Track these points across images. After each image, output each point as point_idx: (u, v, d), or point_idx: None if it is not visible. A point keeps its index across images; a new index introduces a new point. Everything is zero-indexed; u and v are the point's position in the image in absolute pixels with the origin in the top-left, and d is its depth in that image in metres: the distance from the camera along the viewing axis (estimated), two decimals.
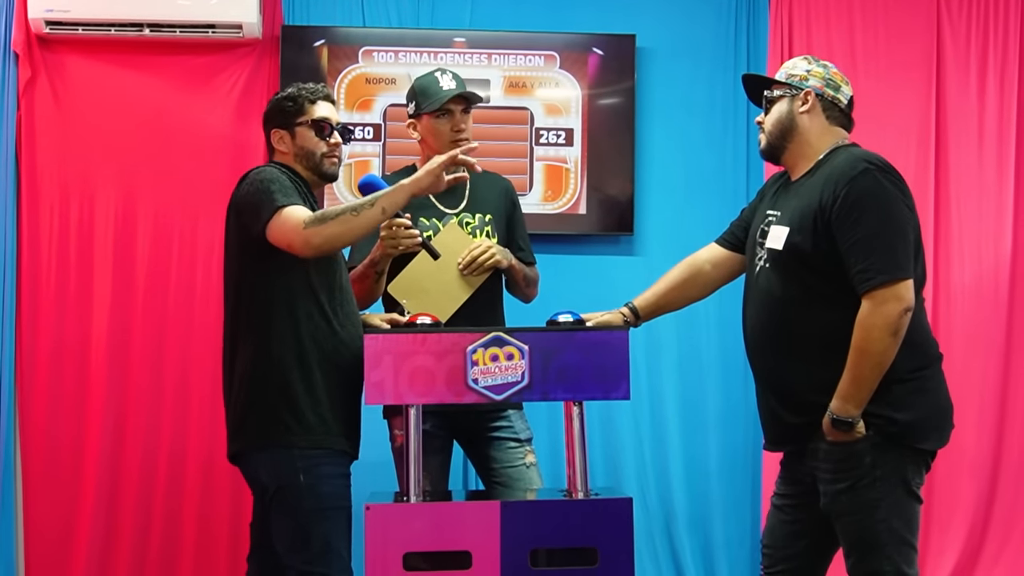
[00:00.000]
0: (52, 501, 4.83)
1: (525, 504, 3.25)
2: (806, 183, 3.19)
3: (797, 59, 3.38)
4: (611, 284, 4.94)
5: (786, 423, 3.19)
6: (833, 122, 3.27)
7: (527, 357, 3.10)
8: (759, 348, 3.25)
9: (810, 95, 3.24)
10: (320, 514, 3.14)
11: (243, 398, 3.19)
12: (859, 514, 3.05)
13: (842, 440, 3.04)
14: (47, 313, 4.87)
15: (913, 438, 3.07)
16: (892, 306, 2.97)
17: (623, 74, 5.07)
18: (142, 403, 4.87)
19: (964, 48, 5.22)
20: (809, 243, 3.08)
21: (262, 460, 3.18)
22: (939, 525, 5.09)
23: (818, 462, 3.11)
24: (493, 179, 3.95)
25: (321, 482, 3.14)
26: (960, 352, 5.11)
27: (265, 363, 3.17)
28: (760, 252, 3.25)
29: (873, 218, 3.00)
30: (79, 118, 4.92)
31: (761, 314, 3.22)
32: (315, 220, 3.04)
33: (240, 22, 4.79)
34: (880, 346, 2.97)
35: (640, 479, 5.05)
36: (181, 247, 4.90)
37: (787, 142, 3.27)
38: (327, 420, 3.18)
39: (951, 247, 5.18)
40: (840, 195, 3.03)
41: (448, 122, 3.74)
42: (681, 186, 5.16)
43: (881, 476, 3.03)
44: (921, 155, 5.16)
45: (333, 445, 3.19)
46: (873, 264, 2.98)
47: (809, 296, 3.10)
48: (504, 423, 3.74)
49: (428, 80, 3.78)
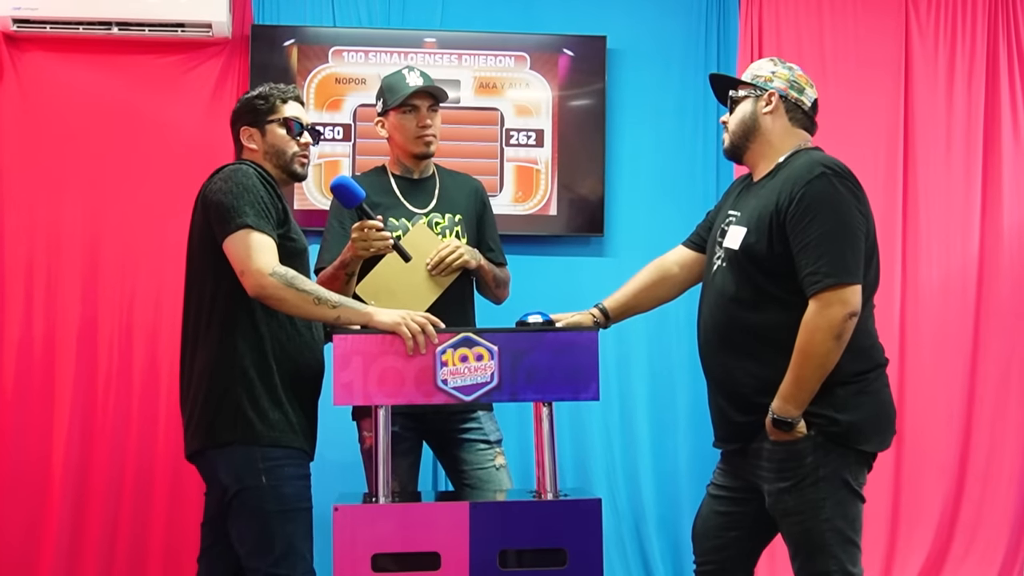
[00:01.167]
0: (15, 507, 4.82)
1: (494, 505, 3.26)
2: (766, 184, 3.24)
3: (763, 60, 3.43)
4: (581, 285, 4.96)
5: (734, 421, 3.25)
6: (796, 124, 3.32)
7: (496, 358, 3.11)
8: (711, 346, 3.30)
9: (774, 96, 3.29)
10: (283, 516, 3.14)
11: (202, 395, 3.19)
12: (804, 514, 3.10)
13: (784, 440, 3.09)
14: (13, 315, 4.85)
15: (855, 439, 3.11)
16: (837, 309, 3.01)
17: (594, 75, 5.10)
18: (109, 405, 4.87)
19: (932, 50, 5.28)
20: (764, 245, 3.12)
21: (221, 459, 3.17)
22: (907, 524, 5.15)
23: (761, 461, 3.17)
24: (463, 179, 3.97)
25: (284, 483, 3.15)
26: (928, 351, 5.19)
27: (227, 360, 3.17)
28: (718, 251, 3.30)
29: (825, 222, 3.04)
30: (47, 118, 4.91)
31: (714, 313, 3.27)
32: (280, 278, 3.05)
33: (210, 21, 4.80)
34: (822, 348, 3.02)
35: (609, 480, 5.08)
36: (150, 248, 4.89)
37: (750, 142, 3.32)
38: (289, 419, 3.19)
39: (919, 247, 5.24)
40: (795, 198, 3.07)
41: (414, 117, 3.77)
42: (651, 187, 5.19)
43: (824, 476, 3.08)
44: (890, 156, 5.23)
45: (293, 444, 3.19)
46: (821, 267, 3.02)
47: (761, 297, 3.15)
48: (474, 424, 3.76)
49: (395, 77, 3.81)
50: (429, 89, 3.77)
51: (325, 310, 3.10)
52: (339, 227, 3.73)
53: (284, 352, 3.21)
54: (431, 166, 3.90)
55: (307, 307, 3.09)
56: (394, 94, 3.78)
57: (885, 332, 5.07)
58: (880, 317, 5.06)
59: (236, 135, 3.41)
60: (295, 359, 3.24)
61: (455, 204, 3.84)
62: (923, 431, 5.17)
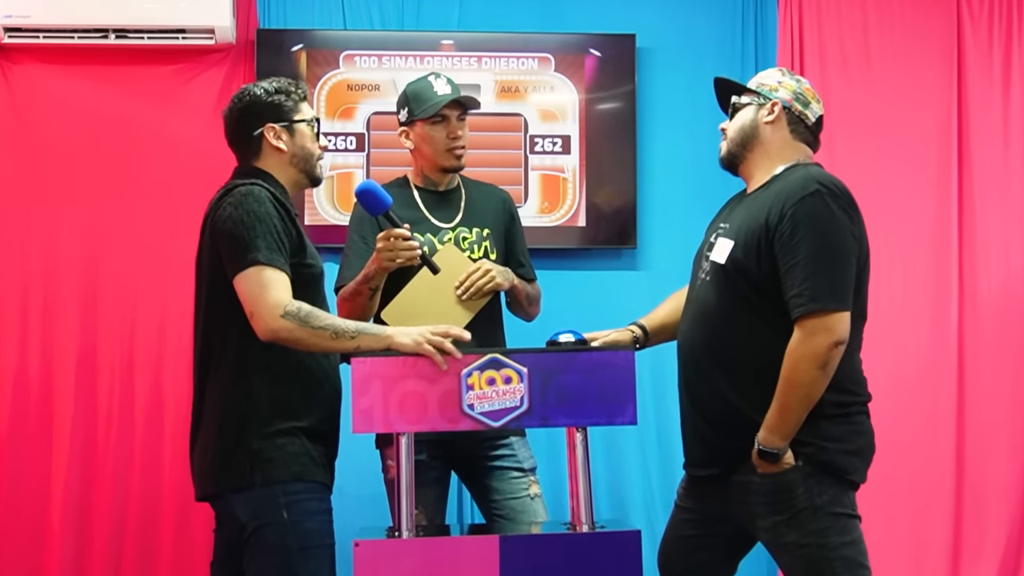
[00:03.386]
0: (13, 553, 4.80)
1: (525, 538, 3.24)
2: (759, 196, 3.24)
3: (772, 70, 3.46)
4: (613, 300, 4.94)
5: (714, 445, 3.24)
6: (797, 138, 3.32)
7: (526, 380, 3.07)
8: (692, 363, 3.29)
9: (777, 106, 3.29)
10: (305, 553, 3.10)
11: (216, 435, 3.14)
12: (809, 546, 3.09)
13: (771, 472, 3.09)
14: (7, 344, 4.85)
15: (844, 468, 3.12)
16: (821, 338, 3.01)
17: (622, 77, 5.08)
18: (111, 432, 4.86)
19: (986, 42, 5.26)
20: (752, 260, 3.12)
21: (239, 499, 3.13)
22: (969, 552, 5.09)
23: (749, 495, 3.16)
24: (490, 191, 3.96)
25: (306, 518, 3.11)
26: (988, 361, 5.16)
27: (240, 396, 3.13)
28: (704, 264, 3.30)
29: (814, 242, 3.04)
30: (41, 131, 4.92)
31: (697, 328, 3.26)
32: (293, 318, 3.01)
33: (212, 26, 4.80)
34: (807, 378, 3.02)
35: (648, 510, 5.04)
36: (153, 271, 4.89)
37: (747, 151, 3.33)
38: (309, 451, 3.15)
39: (976, 252, 5.20)
40: (786, 214, 3.07)
41: (444, 128, 3.75)
42: (686, 195, 5.16)
43: (821, 504, 3.09)
44: (943, 157, 5.19)
45: (315, 477, 3.16)
46: (807, 290, 3.01)
47: (745, 315, 3.15)
48: (506, 451, 3.73)
49: (422, 85, 3.78)
50: (461, 99, 3.75)
51: (344, 343, 3.06)
52: (361, 242, 3.71)
53: (300, 382, 3.17)
54: (456, 178, 3.88)
55: (325, 343, 3.06)
56: (421, 104, 3.75)
57: (942, 342, 5.12)
58: (937, 326, 5.14)
59: (248, 135, 3.30)
60: (312, 388, 3.20)
61: (482, 217, 3.82)
62: (984, 449, 5.13)
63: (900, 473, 5.00)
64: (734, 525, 3.25)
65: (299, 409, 3.15)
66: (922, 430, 5.09)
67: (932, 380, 5.12)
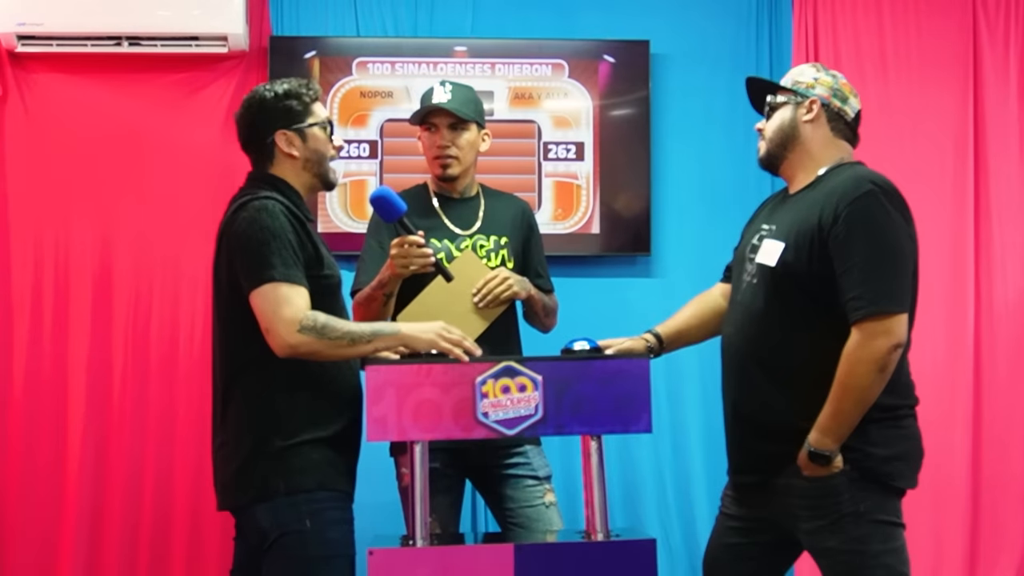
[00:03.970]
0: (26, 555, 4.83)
1: (540, 547, 3.24)
2: (805, 197, 3.20)
3: (805, 66, 3.40)
4: (628, 308, 4.94)
5: (757, 451, 3.22)
6: (838, 135, 3.28)
7: (540, 388, 3.09)
8: (736, 368, 3.27)
9: (815, 104, 3.26)
10: (326, 562, 3.10)
11: (238, 446, 3.14)
12: (849, 553, 3.08)
13: (818, 475, 3.06)
14: (21, 345, 4.88)
15: (890, 475, 3.10)
16: (882, 341, 2.98)
17: (637, 83, 5.09)
18: (123, 442, 4.87)
19: (1003, 46, 5.25)
20: (804, 262, 3.08)
21: (263, 509, 3.12)
22: (986, 560, 5.09)
23: (793, 498, 3.13)
24: (509, 200, 3.98)
25: (328, 528, 3.11)
26: (1005, 369, 5.15)
27: (261, 407, 3.13)
28: (749, 267, 3.26)
29: (872, 244, 3.01)
30: (54, 139, 4.94)
31: (743, 332, 3.24)
32: (309, 332, 3.02)
33: (225, 33, 4.82)
34: (865, 381, 2.99)
35: (662, 518, 5.05)
36: (164, 275, 4.92)
37: (787, 151, 3.29)
38: (331, 460, 3.15)
39: (993, 259, 5.19)
40: (841, 215, 3.02)
41: (432, 137, 3.78)
42: (701, 202, 5.17)
43: (864, 511, 3.06)
44: (959, 162, 5.18)
45: (337, 486, 3.16)
46: (866, 293, 2.98)
47: (796, 317, 3.12)
48: (521, 460, 3.74)
49: (427, 92, 3.81)
50: (445, 108, 3.73)
51: (361, 347, 3.09)
52: (377, 247, 3.73)
53: (321, 393, 3.17)
54: (475, 186, 3.90)
55: (342, 351, 3.08)
56: (416, 111, 3.81)
57: (958, 349, 5.11)
58: (953, 333, 5.14)
59: (262, 140, 3.29)
60: (333, 398, 3.20)
61: (501, 226, 3.84)
62: (1001, 456, 5.12)
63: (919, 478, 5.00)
64: (778, 533, 3.22)
65: (321, 419, 3.15)
66: (939, 436, 5.07)
67: (949, 386, 5.11)
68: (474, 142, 3.83)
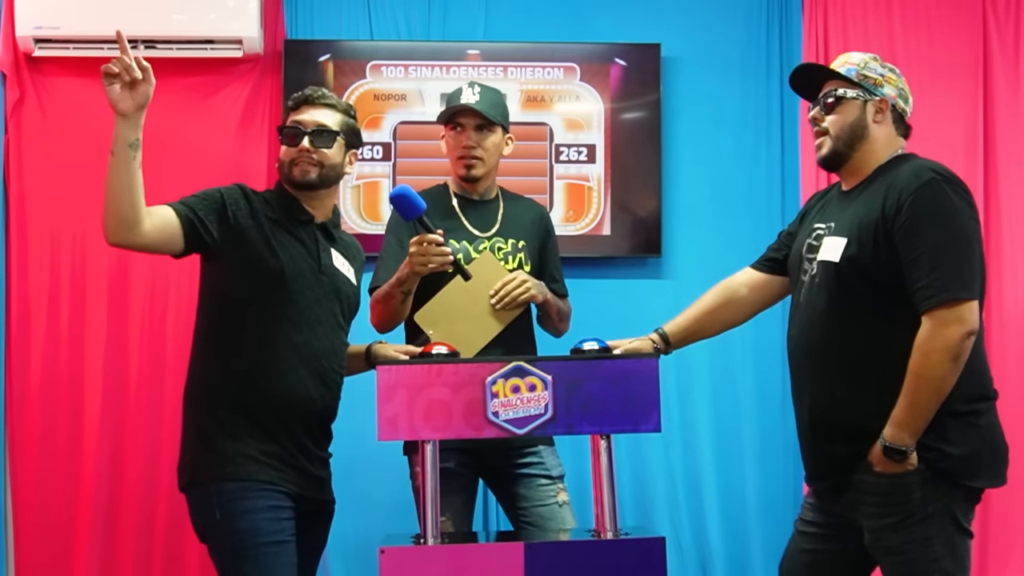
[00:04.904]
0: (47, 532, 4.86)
1: (550, 545, 3.22)
2: (863, 192, 3.16)
3: (865, 57, 3.29)
4: (638, 309, 4.92)
5: (830, 455, 3.16)
6: (899, 133, 3.26)
7: (550, 388, 3.08)
8: (804, 369, 3.21)
9: (885, 104, 3.22)
10: (238, 554, 3.15)
11: (182, 433, 3.31)
12: (911, 552, 3.01)
13: (892, 471, 3.00)
14: (38, 342, 4.89)
15: (965, 474, 3.04)
16: (954, 329, 2.92)
17: (648, 86, 5.07)
18: (139, 437, 4.89)
19: (1013, 50, 5.23)
20: (869, 255, 3.03)
21: (191, 499, 3.26)
22: (995, 558, 5.05)
23: (862, 495, 3.08)
24: (527, 204, 3.98)
25: (237, 518, 3.15)
26: (1015, 374, 5.10)
27: (196, 395, 3.30)
28: (809, 267, 3.21)
29: (939, 232, 2.96)
30: (70, 141, 4.93)
31: (809, 332, 3.18)
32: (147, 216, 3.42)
33: (240, 37, 4.82)
34: (939, 371, 2.93)
35: (673, 517, 5.03)
36: (180, 273, 4.89)
37: (854, 151, 3.22)
38: (247, 451, 3.19)
39: (1003, 262, 5.16)
40: (904, 205, 2.98)
41: (457, 137, 3.78)
42: (711, 204, 5.15)
43: (932, 512, 3.00)
44: (969, 167, 5.14)
45: (255, 476, 3.18)
46: (936, 281, 2.93)
47: (864, 312, 3.07)
48: (534, 459, 3.73)
49: (454, 92, 3.82)
50: (474, 109, 3.74)
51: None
52: (397, 245, 3.72)
53: (253, 381, 3.24)
54: (494, 188, 3.90)
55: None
56: (445, 110, 3.80)
57: None
58: None
59: None
60: (267, 386, 3.24)
61: (519, 229, 3.83)
62: (1011, 458, 5.06)
63: None
64: (852, 541, 3.15)
65: (249, 406, 3.23)
66: None
67: None
68: (499, 145, 3.83)
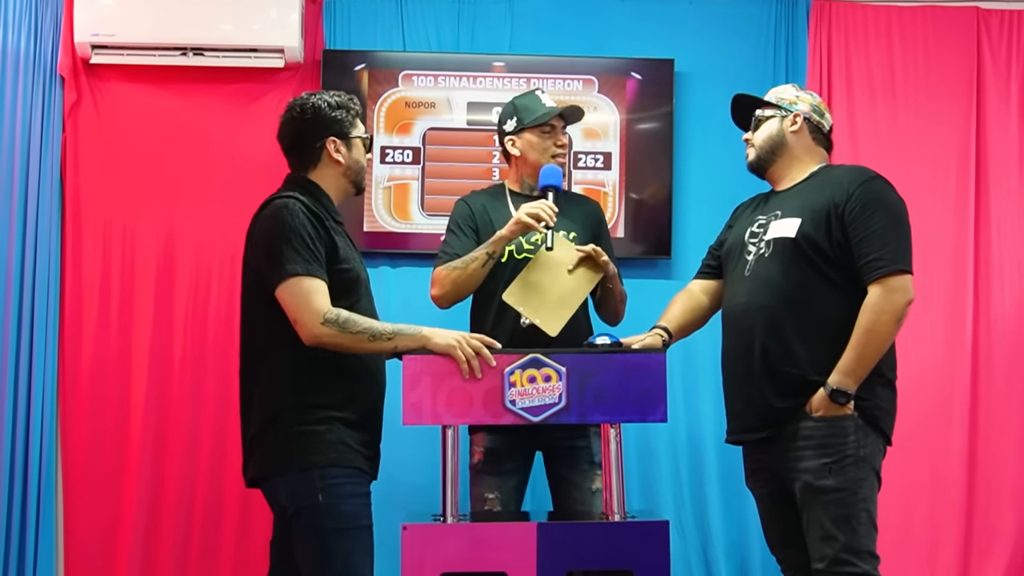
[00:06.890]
0: (91, 523, 4.91)
1: (561, 526, 3.28)
2: (803, 188, 3.47)
3: (786, 86, 3.74)
4: (648, 307, 4.87)
5: (773, 407, 3.32)
6: (817, 143, 3.60)
7: (564, 379, 3.14)
8: (753, 331, 3.37)
9: (799, 117, 3.57)
10: (341, 533, 3.13)
11: (261, 424, 3.21)
12: (844, 491, 3.21)
13: (832, 415, 3.21)
14: (89, 335, 4.94)
15: (885, 423, 3.31)
16: (900, 295, 3.24)
17: (661, 98, 5.11)
18: (181, 419, 4.93)
19: (1005, 70, 5.24)
20: (823, 233, 3.33)
21: (282, 484, 3.18)
22: (979, 557, 5.06)
23: (797, 441, 3.27)
24: (582, 199, 4.15)
25: (341, 501, 3.14)
26: (1002, 379, 5.11)
27: (282, 387, 3.19)
28: (755, 247, 3.44)
29: (887, 216, 3.30)
30: (122, 142, 5.00)
31: (761, 298, 3.38)
32: (335, 323, 3.09)
33: (282, 46, 4.87)
34: (886, 329, 3.22)
35: (676, 502, 5.05)
36: (222, 273, 4.97)
37: (776, 157, 3.58)
38: (345, 439, 3.18)
39: (991, 273, 5.17)
40: (854, 194, 3.32)
41: (551, 137, 3.89)
42: (719, 210, 5.08)
43: (863, 456, 3.24)
44: (961, 180, 5.17)
45: (353, 463, 3.18)
46: (886, 255, 3.26)
47: (815, 282, 3.32)
48: (584, 442, 3.81)
49: (531, 99, 3.93)
50: (564, 113, 3.92)
51: (381, 344, 3.15)
52: (460, 232, 3.85)
53: (339, 373, 3.20)
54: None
55: (364, 346, 3.14)
56: (532, 113, 3.89)
57: (957, 359, 5.09)
58: (952, 343, 5.10)
59: (309, 145, 3.39)
60: (351, 379, 3.24)
61: (573, 222, 3.91)
62: (997, 461, 5.09)
63: (916, 477, 5.00)
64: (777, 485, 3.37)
65: (337, 402, 3.19)
66: (938, 435, 5.06)
67: (947, 389, 5.09)
68: None
